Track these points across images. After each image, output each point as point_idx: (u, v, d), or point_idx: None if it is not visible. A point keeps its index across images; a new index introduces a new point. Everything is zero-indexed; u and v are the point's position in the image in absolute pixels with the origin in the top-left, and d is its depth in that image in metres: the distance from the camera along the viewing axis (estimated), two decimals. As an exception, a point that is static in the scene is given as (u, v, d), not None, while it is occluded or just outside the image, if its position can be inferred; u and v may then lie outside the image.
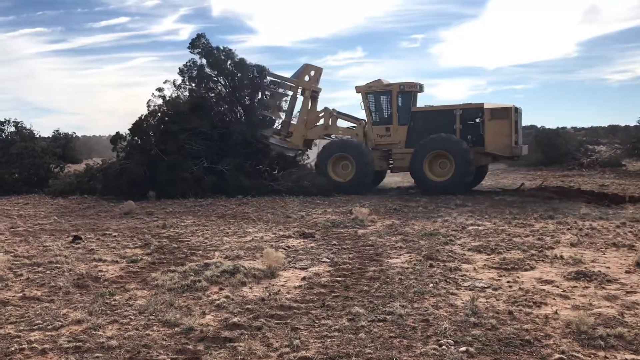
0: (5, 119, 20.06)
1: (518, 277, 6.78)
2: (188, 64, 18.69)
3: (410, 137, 16.94)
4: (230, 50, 18.70)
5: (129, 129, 17.61)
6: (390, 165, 17.50)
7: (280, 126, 18.51)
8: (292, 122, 18.36)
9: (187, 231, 10.44)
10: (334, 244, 8.96)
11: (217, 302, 5.82)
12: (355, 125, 18.06)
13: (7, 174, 18.23)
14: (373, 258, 7.91)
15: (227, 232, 10.23)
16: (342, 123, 18.45)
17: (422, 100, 18.43)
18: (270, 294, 6.07)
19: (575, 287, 6.33)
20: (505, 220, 11.23)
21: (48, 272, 7.32)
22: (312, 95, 18.28)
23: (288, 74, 18.78)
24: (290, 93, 18.29)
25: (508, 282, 6.56)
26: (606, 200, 13.70)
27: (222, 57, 18.47)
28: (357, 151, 16.91)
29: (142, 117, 17.32)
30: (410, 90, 17.25)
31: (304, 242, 9.28)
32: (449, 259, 7.72)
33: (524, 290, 6.18)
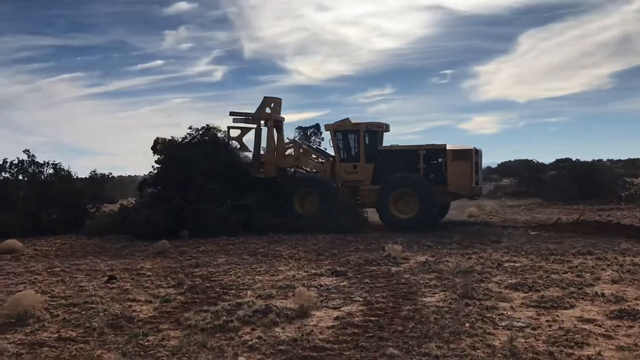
0: (44, 161, 20.67)
1: (557, 315, 6.57)
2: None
3: (376, 174, 17.45)
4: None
5: (151, 177, 18.18)
6: (357, 202, 17.86)
7: (251, 159, 18.92)
8: (261, 153, 18.85)
9: (219, 270, 10.48)
10: (367, 282, 8.87)
11: (250, 342, 5.79)
12: (323, 161, 18.69)
13: (45, 215, 18.69)
14: (407, 297, 7.80)
15: (259, 271, 10.24)
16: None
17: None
18: (302, 335, 6.01)
19: (618, 326, 6.10)
20: (542, 256, 10.98)
21: (83, 312, 7.41)
22: (276, 125, 18.87)
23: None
24: (253, 126, 18.73)
25: (547, 321, 6.36)
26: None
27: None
28: (323, 187, 17.44)
29: (162, 166, 17.83)
30: (377, 130, 17.99)
31: (336, 280, 9.22)
32: (485, 297, 7.56)
33: (564, 329, 5.98)
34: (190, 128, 18.68)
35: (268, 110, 18.78)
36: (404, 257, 11.17)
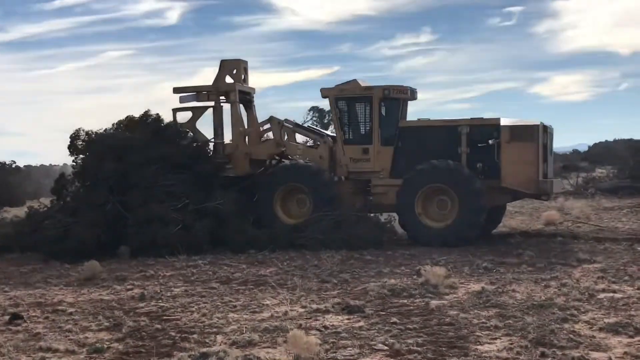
0: None
1: (679, 372, 6.55)
2: None
3: (397, 163, 17.46)
4: None
5: (73, 172, 18.30)
6: (368, 202, 17.98)
7: (212, 152, 18.96)
8: (225, 142, 18.99)
9: (175, 304, 10.46)
10: (394, 323, 8.85)
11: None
12: (318, 143, 18.69)
13: None
14: (454, 344, 7.80)
15: (235, 306, 10.23)
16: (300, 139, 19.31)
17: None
18: (299, 401, 6.01)
19: None
20: (657, 283, 10.93)
21: (-26, 368, 7.41)
22: (243, 100, 19.02)
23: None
24: (210, 104, 18.87)
25: (664, 380, 6.36)
26: None
27: None
28: (315, 181, 17.45)
29: (90, 154, 17.92)
30: (397, 97, 17.86)
31: (348, 319, 9.19)
32: (571, 345, 7.55)
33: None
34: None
35: (229, 79, 18.90)
36: (450, 285, 11.16)
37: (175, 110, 19.07)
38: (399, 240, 17.37)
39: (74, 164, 18.37)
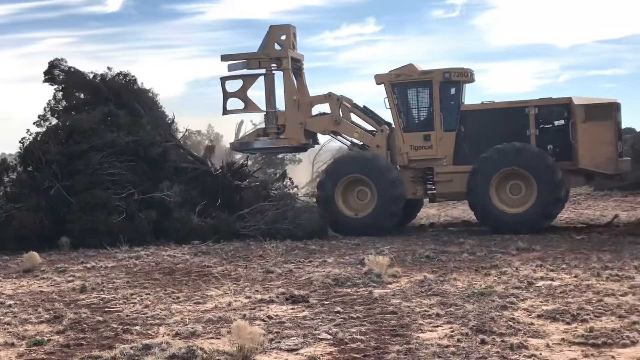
0: None
1: (613, 357, 6.73)
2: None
3: (459, 148, 17.13)
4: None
5: (18, 155, 17.87)
6: (430, 192, 17.62)
7: (264, 122, 18.57)
8: (278, 111, 18.46)
9: (117, 296, 10.38)
10: (338, 312, 8.92)
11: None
12: (374, 130, 18.18)
13: None
14: (397, 332, 7.87)
15: (178, 297, 10.19)
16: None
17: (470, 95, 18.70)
18: (242, 391, 6.01)
19: (699, 370, 6.29)
20: (592, 271, 11.21)
21: None
22: (294, 67, 18.48)
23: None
24: (262, 72, 18.34)
25: (599, 365, 6.52)
26: None
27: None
28: (378, 171, 17.02)
29: (36, 138, 17.52)
30: (458, 80, 17.43)
31: (292, 309, 9.24)
32: (510, 332, 7.68)
33: (622, 377, 6.14)
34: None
35: (277, 46, 18.34)
36: (393, 275, 11.27)
37: (223, 79, 18.43)
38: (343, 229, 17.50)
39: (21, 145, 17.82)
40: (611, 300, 9.11)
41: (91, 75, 18.55)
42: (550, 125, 16.69)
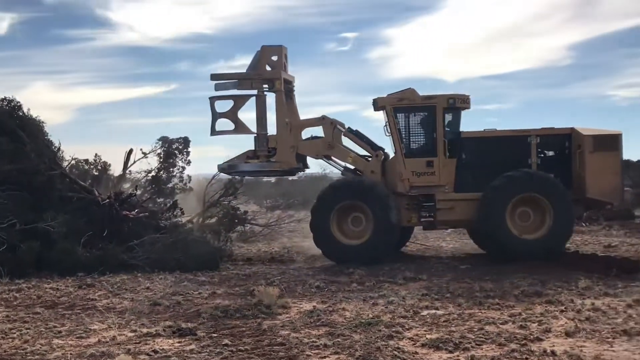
0: None
1: (493, 384, 6.92)
2: None
3: (460, 176, 17.03)
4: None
5: None
6: (424, 219, 17.32)
7: (255, 144, 17.94)
8: (268, 133, 17.87)
9: (-5, 332, 10.01)
10: (226, 345, 8.86)
11: None
12: (368, 155, 17.94)
13: None
14: (284, 364, 7.84)
15: (60, 332, 9.89)
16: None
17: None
18: None
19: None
20: (475, 300, 11.56)
21: None
22: (286, 89, 17.99)
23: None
24: (253, 92, 17.77)
25: (479, 392, 6.70)
26: (614, 268, 14.40)
27: None
28: (377, 198, 16.73)
29: None
30: (460, 107, 17.40)
31: (179, 343, 9.10)
32: (395, 361, 7.79)
33: (500, 404, 6.33)
34: None
35: (268, 67, 17.77)
36: (283, 305, 11.30)
37: (213, 99, 17.65)
38: (235, 261, 17.41)
39: None
40: (492, 328, 9.43)
41: None
42: (552, 155, 16.95)
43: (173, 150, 20.61)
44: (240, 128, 17.76)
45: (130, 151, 20.37)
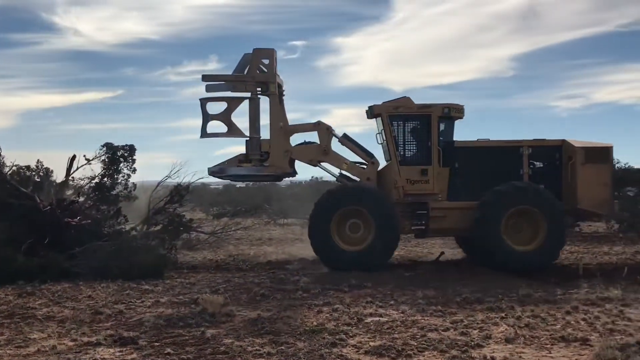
0: None
1: (433, 390, 7.00)
2: None
3: (453, 184, 17.18)
4: None
5: None
6: (415, 227, 17.38)
7: (247, 148, 17.72)
8: (260, 137, 17.72)
9: None
10: (168, 354, 8.80)
11: None
12: (364, 162, 17.87)
13: None
14: (226, 372, 7.83)
15: (-2, 341, 9.71)
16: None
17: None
18: None
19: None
20: (418, 307, 11.70)
21: None
22: (278, 92, 17.80)
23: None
24: (247, 95, 17.52)
25: (419, 399, 6.77)
26: (553, 277, 14.74)
27: None
28: (380, 204, 16.71)
29: None
30: (454, 117, 17.55)
31: (120, 352, 9.01)
32: (338, 369, 7.83)
33: (440, 410, 6.40)
34: None
35: (263, 69, 17.53)
36: (227, 314, 11.24)
37: (204, 100, 17.25)
38: (180, 269, 17.27)
39: None
40: (434, 335, 9.56)
41: None
42: (542, 165, 17.19)
43: (118, 157, 20.28)
44: (233, 131, 17.48)
45: (74, 157, 19.97)
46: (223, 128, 17.49)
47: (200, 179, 21.46)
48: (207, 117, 17.38)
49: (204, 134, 17.54)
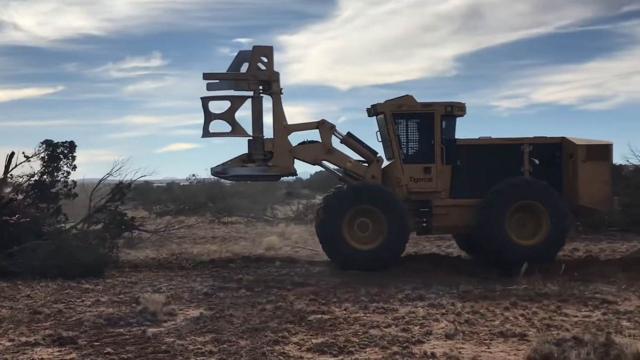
0: None
1: (374, 386, 7.08)
2: None
3: (455, 182, 17.15)
4: None
5: None
6: (420, 224, 17.26)
7: (250, 148, 17.38)
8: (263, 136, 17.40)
9: None
10: (108, 353, 8.73)
11: None
12: (365, 160, 17.74)
13: None
14: (167, 372, 7.79)
15: None
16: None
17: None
18: None
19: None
20: (360, 304, 11.79)
21: None
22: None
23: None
24: (249, 94, 17.23)
25: (360, 395, 6.84)
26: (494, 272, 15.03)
27: None
28: (392, 202, 16.56)
29: None
30: (456, 115, 17.54)
31: (59, 352, 8.90)
32: (280, 366, 7.86)
33: (381, 405, 6.47)
34: None
35: (262, 66, 17.13)
36: (169, 313, 11.17)
37: (206, 99, 16.87)
38: (122, 268, 17.07)
39: None
40: (376, 332, 9.65)
41: None
42: (543, 163, 17.21)
43: (57, 154, 19.92)
44: (237, 130, 17.27)
45: (12, 154, 19.56)
46: (226, 127, 17.33)
47: (142, 176, 21.35)
48: (209, 117, 17.18)
49: (206, 133, 17.34)
